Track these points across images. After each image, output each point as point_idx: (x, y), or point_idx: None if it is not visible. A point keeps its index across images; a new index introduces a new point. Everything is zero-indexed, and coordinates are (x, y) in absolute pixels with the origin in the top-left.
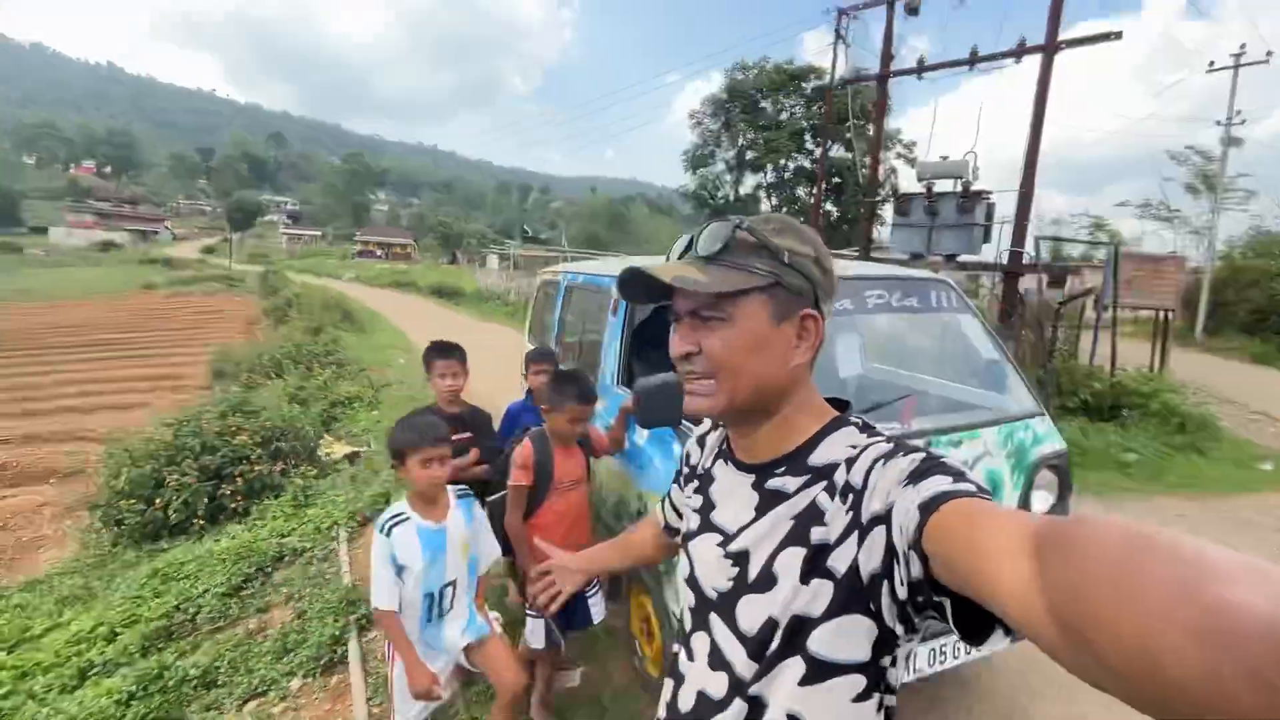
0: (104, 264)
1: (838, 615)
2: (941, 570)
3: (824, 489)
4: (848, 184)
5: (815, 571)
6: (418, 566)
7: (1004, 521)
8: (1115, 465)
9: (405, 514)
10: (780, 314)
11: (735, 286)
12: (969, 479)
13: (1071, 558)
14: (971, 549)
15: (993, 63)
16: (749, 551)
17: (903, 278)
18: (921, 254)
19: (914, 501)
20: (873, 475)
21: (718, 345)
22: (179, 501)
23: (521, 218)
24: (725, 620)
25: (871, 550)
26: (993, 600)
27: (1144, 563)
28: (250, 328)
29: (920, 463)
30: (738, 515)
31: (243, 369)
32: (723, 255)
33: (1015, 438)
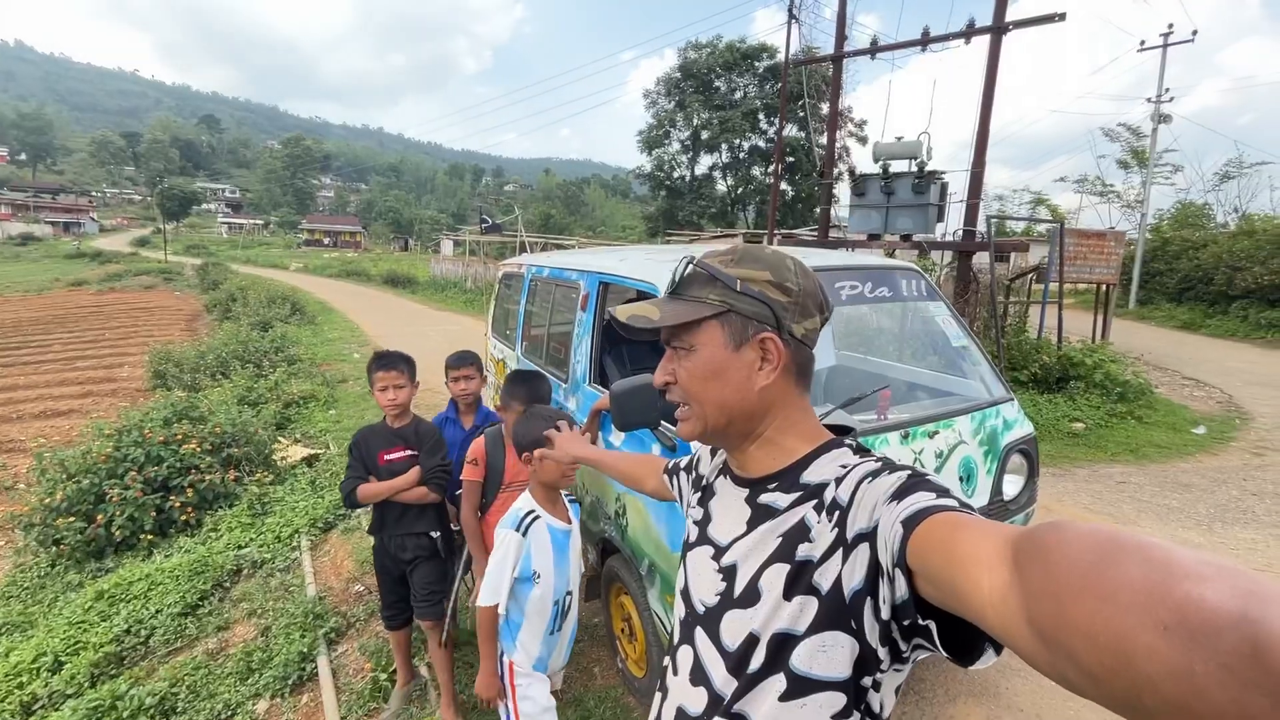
0: (23, 259)
1: (820, 631)
2: (924, 585)
3: (813, 507)
4: (801, 163)
5: (798, 588)
6: (549, 570)
7: (982, 532)
8: (1065, 436)
9: (536, 511)
10: (737, 339)
11: (681, 319)
12: (952, 495)
13: (1046, 564)
14: (951, 561)
15: (944, 43)
16: (737, 565)
17: (873, 267)
18: (879, 234)
19: (897, 517)
20: (859, 492)
21: (683, 374)
22: (123, 517)
23: (475, 202)
24: (709, 635)
25: (855, 567)
26: (972, 611)
27: (1115, 565)
28: (192, 324)
29: (905, 480)
30: (731, 529)
31: (186, 370)
32: (680, 289)
33: (987, 424)
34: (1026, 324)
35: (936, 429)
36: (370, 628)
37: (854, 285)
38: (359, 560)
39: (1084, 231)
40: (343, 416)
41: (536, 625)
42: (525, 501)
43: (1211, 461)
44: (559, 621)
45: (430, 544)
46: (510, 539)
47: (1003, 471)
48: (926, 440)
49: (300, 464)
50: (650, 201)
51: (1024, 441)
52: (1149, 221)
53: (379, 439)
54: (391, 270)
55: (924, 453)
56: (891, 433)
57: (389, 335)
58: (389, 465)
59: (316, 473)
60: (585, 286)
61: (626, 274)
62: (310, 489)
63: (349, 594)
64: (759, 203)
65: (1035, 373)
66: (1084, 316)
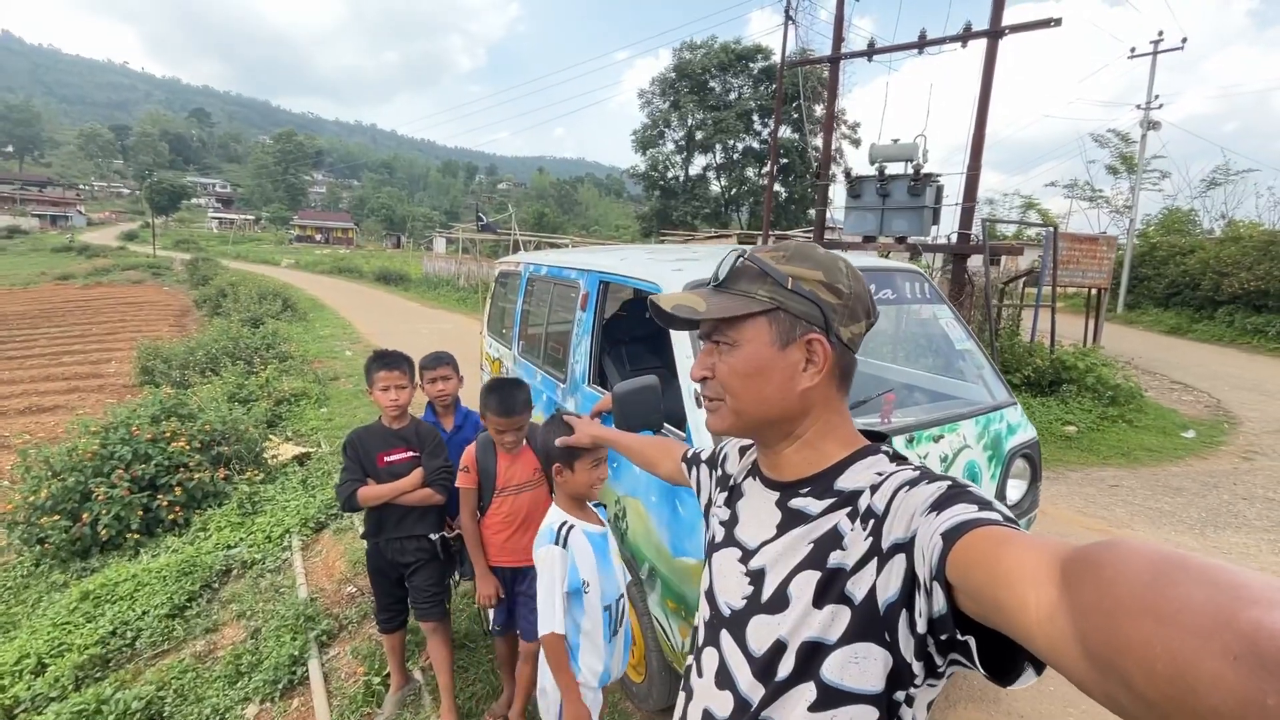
0: (9, 252)
1: (852, 642)
2: (965, 601)
3: (847, 514)
4: (795, 164)
5: (830, 596)
6: (596, 576)
7: (1029, 548)
8: (1057, 439)
9: (569, 521)
10: (784, 338)
11: (730, 313)
12: (995, 508)
13: (1100, 583)
14: (995, 578)
15: (940, 46)
16: (765, 570)
17: (876, 269)
18: (874, 236)
19: (937, 530)
20: (895, 501)
21: (724, 370)
22: (109, 515)
23: (468, 199)
24: (735, 638)
25: (890, 578)
26: (1018, 630)
27: (1175, 585)
28: (181, 320)
29: (945, 491)
30: (759, 532)
31: (175, 366)
32: (728, 284)
33: (991, 429)
34: (1020, 327)
35: (941, 433)
36: (363, 630)
37: None
38: (351, 561)
39: (1077, 236)
40: (334, 414)
41: (595, 638)
42: (555, 515)
43: (1201, 465)
44: (614, 627)
45: (431, 546)
46: (553, 555)
47: (1006, 476)
48: (931, 444)
49: (291, 463)
50: (644, 201)
51: (1027, 446)
52: (1137, 227)
53: (377, 440)
54: (384, 267)
55: (929, 457)
56: (896, 436)
57: (381, 333)
58: (390, 467)
59: (308, 471)
60: (585, 286)
61: (628, 273)
62: (302, 488)
63: (341, 595)
64: (753, 204)
65: (1028, 376)
66: (1075, 320)
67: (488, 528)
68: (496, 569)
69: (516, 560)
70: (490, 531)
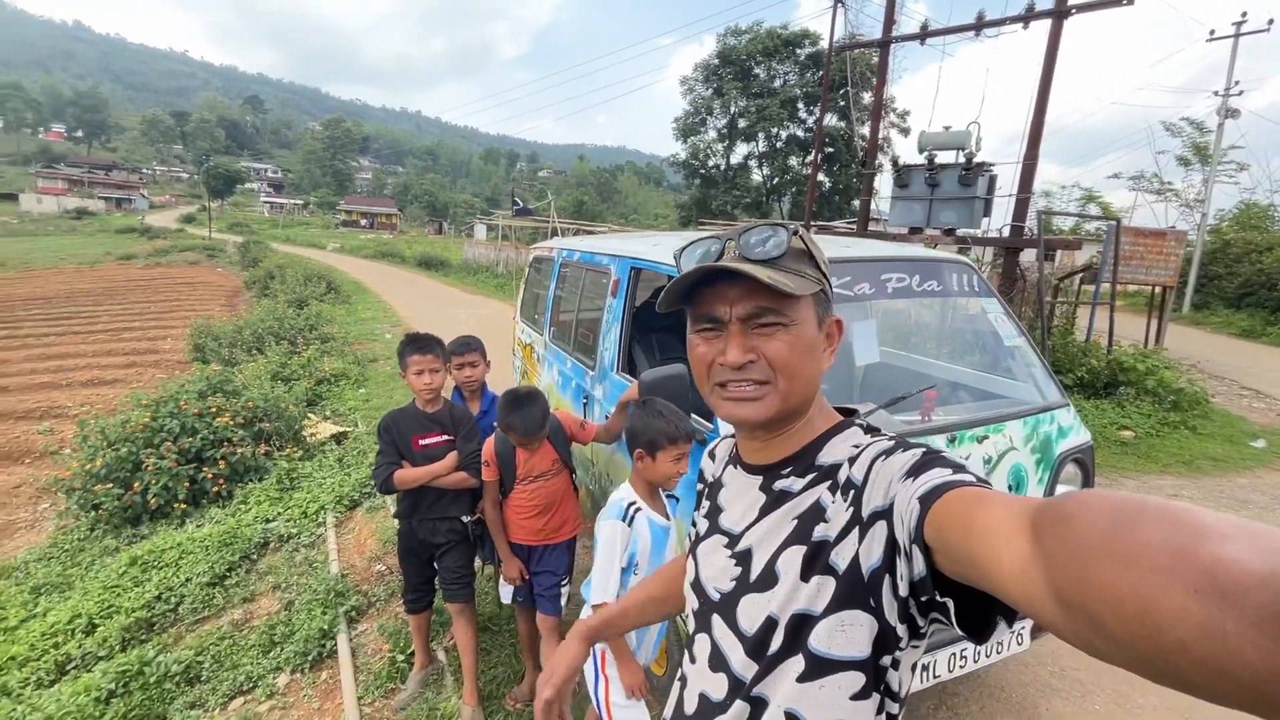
0: (79, 232)
1: (838, 610)
2: (943, 561)
3: (827, 488)
4: (840, 153)
5: (816, 568)
6: (647, 565)
7: (1001, 505)
8: (1112, 444)
9: (638, 503)
10: (820, 319)
11: (806, 290)
12: (968, 470)
13: (1067, 532)
14: (970, 535)
15: (999, 28)
16: (752, 550)
17: (922, 259)
18: (920, 228)
19: (914, 494)
20: (873, 470)
21: (782, 350)
22: (158, 485)
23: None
24: (726, 620)
25: (872, 545)
26: (993, 583)
27: (1136, 528)
28: (232, 300)
29: (920, 457)
30: (744, 516)
31: (224, 345)
32: (782, 260)
33: (1040, 431)
34: (1074, 325)
35: (985, 433)
36: (390, 608)
37: (900, 278)
38: (382, 540)
39: (1142, 230)
40: (372, 395)
41: None
42: (626, 492)
43: (1272, 478)
44: None
45: (462, 528)
46: (616, 530)
47: (1055, 481)
48: (974, 445)
49: (329, 441)
50: (684, 190)
51: (1079, 450)
52: (1210, 222)
53: (412, 423)
54: (425, 253)
55: (971, 458)
56: (937, 436)
57: (421, 316)
58: (425, 450)
59: (344, 450)
60: (616, 272)
61: (660, 259)
62: (338, 466)
63: (371, 573)
64: (795, 193)
65: (1082, 376)
66: (1135, 320)
67: (510, 509)
68: (517, 546)
69: (536, 539)
70: (512, 513)
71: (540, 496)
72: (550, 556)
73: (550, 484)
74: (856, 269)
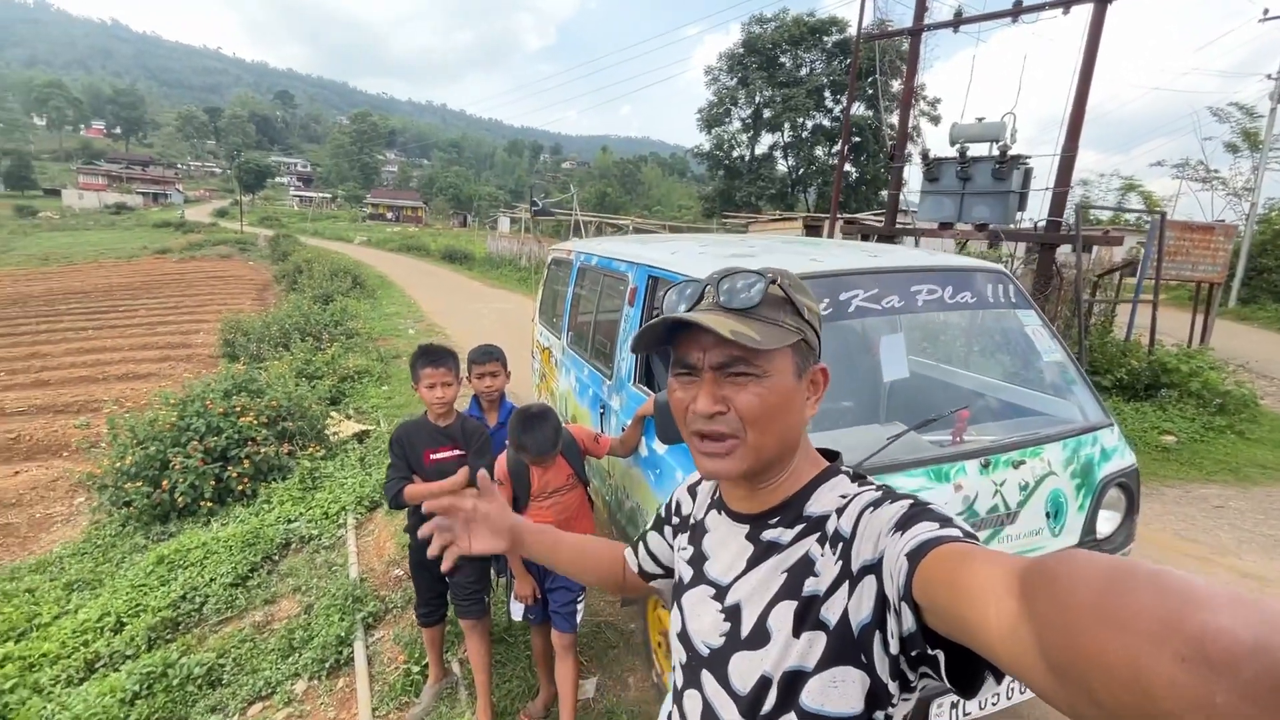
0: (117, 227)
1: (829, 667)
2: (932, 619)
3: (816, 540)
4: (867, 143)
5: (807, 623)
6: None
7: (988, 563)
8: (1153, 450)
9: None
10: (800, 370)
11: (780, 343)
12: (955, 524)
13: (1056, 594)
14: (957, 594)
15: (1037, 13)
16: (741, 605)
17: (955, 269)
18: (951, 222)
19: (902, 550)
20: (861, 523)
21: (753, 403)
22: (185, 484)
23: (532, 179)
24: (717, 678)
25: (862, 600)
26: (981, 643)
27: (1127, 593)
28: (262, 294)
29: (908, 509)
30: (731, 567)
31: (252, 340)
32: (757, 310)
33: (1082, 453)
34: (1113, 324)
35: (1022, 458)
36: (406, 616)
37: (932, 289)
38: (400, 544)
39: (1189, 224)
40: (394, 393)
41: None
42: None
43: None
44: None
45: None
46: None
47: (1097, 508)
48: (1010, 470)
49: (351, 440)
50: (707, 181)
51: (1124, 474)
52: (1260, 211)
53: (424, 437)
54: (450, 246)
55: (1006, 484)
56: (969, 461)
57: (444, 311)
58: (437, 465)
59: (366, 449)
60: (633, 279)
61: (678, 269)
62: (359, 465)
63: (388, 577)
64: (821, 184)
65: (1121, 378)
66: (1177, 316)
67: None
68: (530, 562)
69: None
70: None
71: (555, 512)
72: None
73: (565, 499)
74: (884, 280)
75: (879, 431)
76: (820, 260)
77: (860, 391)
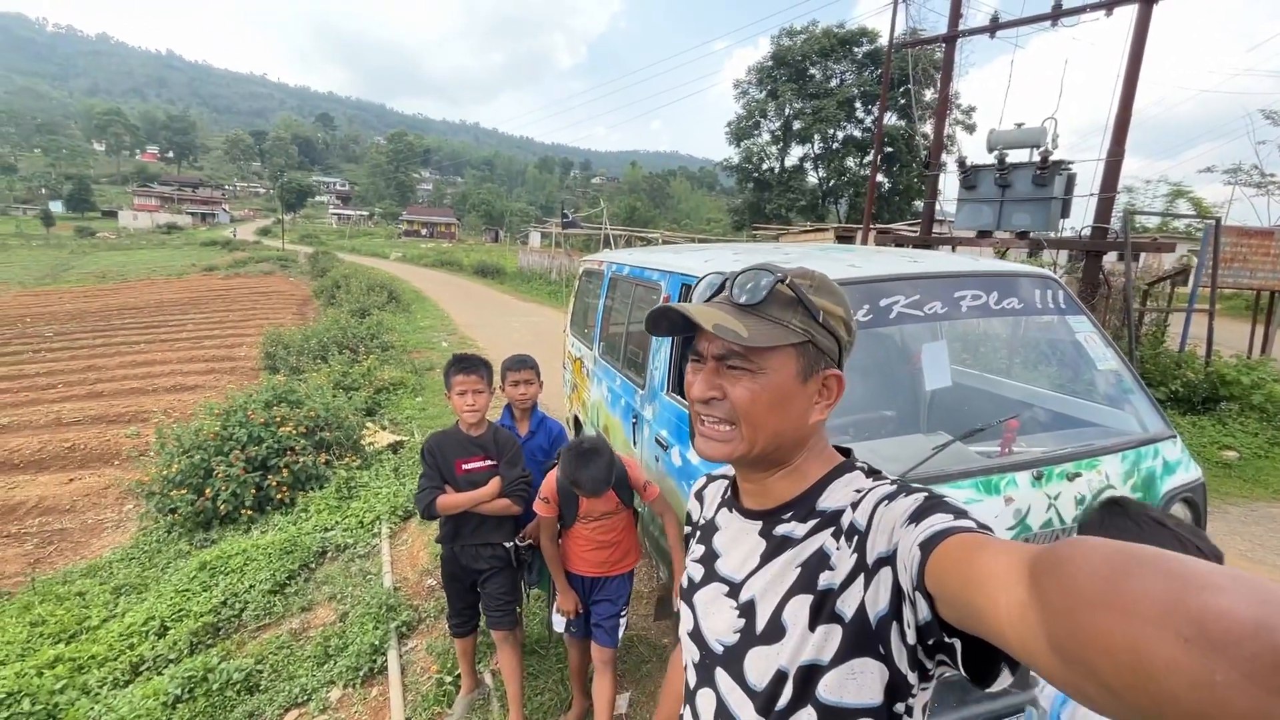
0: (168, 245)
1: (847, 659)
2: (944, 609)
3: (831, 534)
4: (900, 153)
5: (822, 617)
6: None
7: (999, 551)
8: (1214, 466)
9: None
10: (807, 372)
11: (772, 342)
12: (969, 516)
13: (1063, 579)
14: (967, 582)
15: (1077, 16)
16: (755, 601)
17: (1001, 274)
18: (990, 230)
19: (915, 540)
20: (875, 516)
21: (744, 396)
22: (227, 492)
23: (562, 194)
24: (732, 674)
25: (879, 592)
26: (991, 630)
27: (1131, 578)
28: (302, 308)
29: (922, 502)
30: (744, 563)
31: (292, 353)
32: (761, 307)
33: (1142, 466)
34: (1166, 334)
35: (1078, 469)
36: (439, 625)
37: (977, 294)
38: (433, 553)
39: (1246, 229)
40: (428, 404)
41: None
42: None
43: None
44: None
45: (505, 554)
46: None
47: None
48: (1064, 483)
49: (386, 450)
50: (737, 194)
51: (1189, 488)
52: None
53: (456, 447)
54: (482, 261)
55: (1060, 497)
56: (1020, 472)
57: (476, 324)
58: (468, 475)
59: (400, 460)
60: (666, 288)
61: None
62: (394, 475)
63: (422, 587)
64: (853, 195)
65: (1176, 391)
66: (1233, 326)
67: (571, 542)
68: (574, 577)
69: (596, 571)
70: (573, 546)
71: (601, 533)
72: (611, 585)
73: (612, 521)
74: (926, 286)
75: (922, 442)
76: (859, 266)
77: (901, 400)
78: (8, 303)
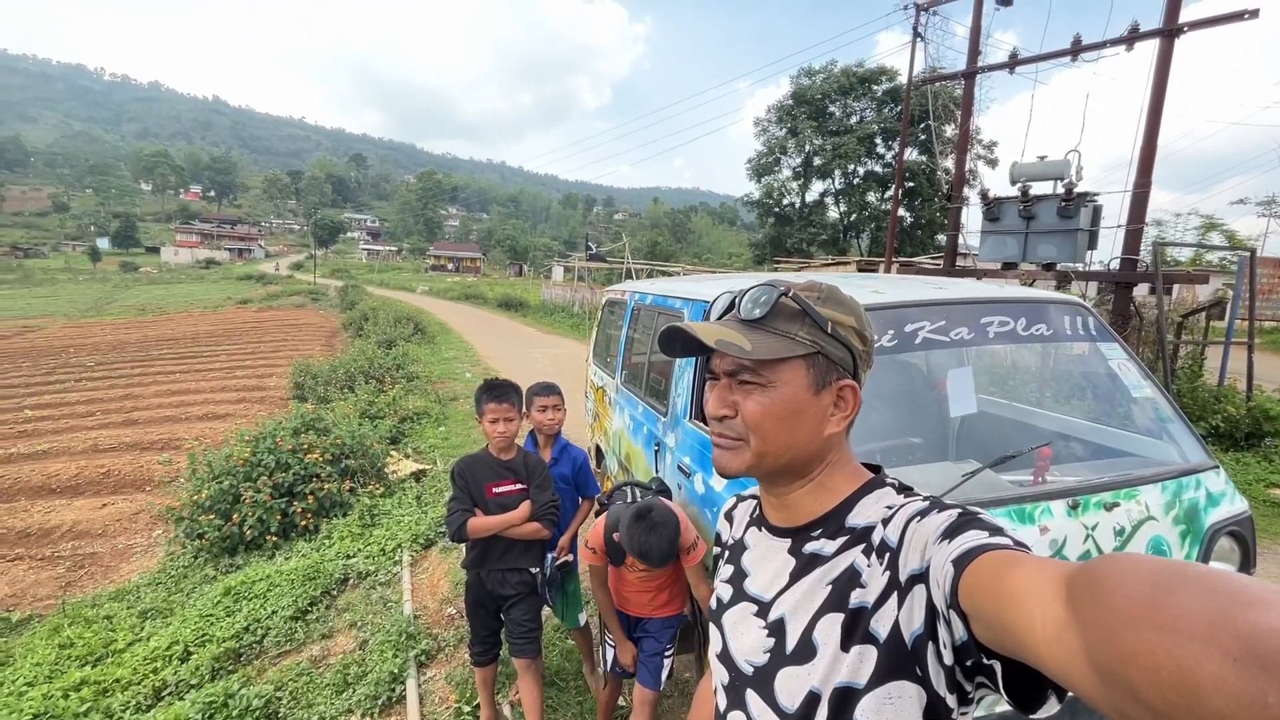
0: (205, 280)
1: (884, 682)
2: (979, 627)
3: (862, 550)
4: (921, 187)
5: (855, 637)
6: None
7: (1034, 568)
8: (1260, 504)
9: None
10: (819, 383)
11: (777, 354)
12: (1005, 534)
13: (1102, 596)
14: (1001, 600)
15: (1098, 51)
16: (785, 620)
17: (1029, 300)
18: (1015, 263)
19: (948, 557)
20: (908, 532)
21: (755, 410)
22: (254, 518)
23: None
24: (763, 696)
25: (913, 611)
26: (1027, 650)
27: (1175, 594)
28: (331, 340)
29: (956, 518)
30: (773, 582)
31: (320, 382)
32: (766, 321)
33: (1184, 497)
34: (1202, 368)
35: (1116, 499)
36: (458, 655)
37: (1004, 321)
38: (454, 581)
39: None
40: (451, 434)
41: None
42: None
43: None
44: None
45: (531, 580)
46: None
47: (1206, 558)
48: (1102, 513)
49: (409, 478)
50: (758, 229)
51: (1235, 521)
52: None
53: (486, 470)
54: (506, 294)
55: (1098, 528)
56: (1055, 501)
57: (500, 356)
58: (498, 499)
59: (423, 488)
60: (689, 314)
61: None
62: (416, 504)
63: (441, 616)
64: (874, 229)
65: (1217, 426)
66: (1273, 360)
67: (620, 582)
68: (620, 613)
69: (640, 611)
70: (622, 586)
71: (646, 580)
72: (657, 622)
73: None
74: (953, 312)
75: (951, 470)
76: (883, 292)
77: (929, 428)
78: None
